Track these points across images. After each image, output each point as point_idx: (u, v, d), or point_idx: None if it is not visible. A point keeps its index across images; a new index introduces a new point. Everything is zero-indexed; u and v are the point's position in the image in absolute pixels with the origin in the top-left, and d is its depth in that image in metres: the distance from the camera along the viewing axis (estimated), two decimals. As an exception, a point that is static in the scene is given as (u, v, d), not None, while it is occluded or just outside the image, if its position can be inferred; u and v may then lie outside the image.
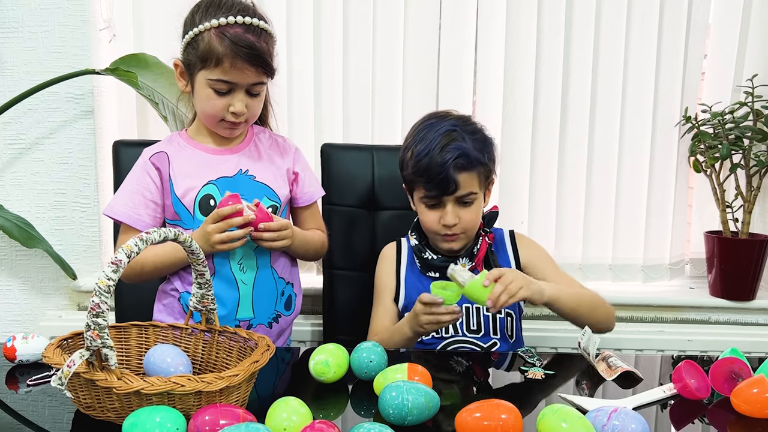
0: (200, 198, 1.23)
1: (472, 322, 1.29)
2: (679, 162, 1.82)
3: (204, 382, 0.78)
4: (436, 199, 1.25)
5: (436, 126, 1.25)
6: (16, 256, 1.73)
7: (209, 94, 1.18)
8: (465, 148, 1.22)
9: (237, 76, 1.16)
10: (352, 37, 1.74)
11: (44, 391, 0.95)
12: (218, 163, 1.26)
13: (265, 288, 1.27)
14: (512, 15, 1.74)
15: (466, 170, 1.23)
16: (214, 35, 1.14)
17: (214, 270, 1.23)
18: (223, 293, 1.23)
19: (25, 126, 1.68)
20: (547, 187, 1.81)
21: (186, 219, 1.24)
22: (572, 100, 1.78)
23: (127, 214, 1.22)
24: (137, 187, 1.24)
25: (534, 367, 1.07)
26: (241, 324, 1.25)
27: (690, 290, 1.85)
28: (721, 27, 1.81)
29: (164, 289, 1.30)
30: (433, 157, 1.21)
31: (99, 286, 0.76)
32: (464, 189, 1.24)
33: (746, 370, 0.95)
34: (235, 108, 1.19)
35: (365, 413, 0.91)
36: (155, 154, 1.25)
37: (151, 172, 1.24)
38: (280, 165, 1.31)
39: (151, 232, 0.83)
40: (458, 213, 1.25)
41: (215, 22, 1.14)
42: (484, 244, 1.32)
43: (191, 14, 1.19)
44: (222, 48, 1.14)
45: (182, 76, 1.24)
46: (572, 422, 0.76)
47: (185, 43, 1.19)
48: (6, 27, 1.64)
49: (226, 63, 1.14)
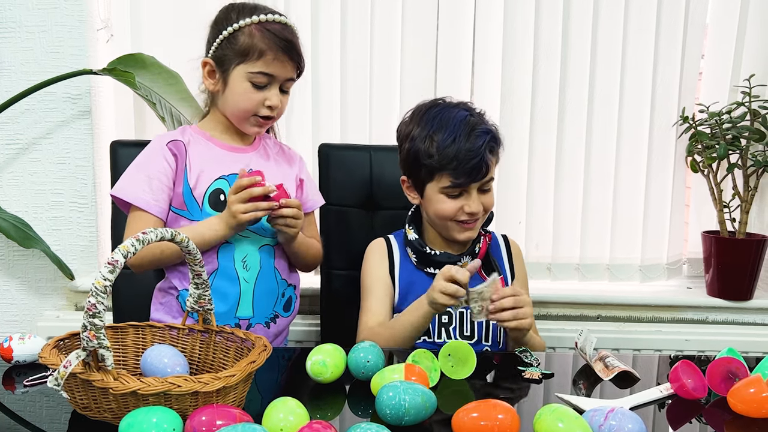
0: (211, 191, 1.23)
1: (466, 328, 1.29)
2: (676, 162, 1.82)
3: (201, 382, 0.78)
4: (462, 187, 1.22)
5: (448, 112, 1.23)
6: (14, 257, 1.73)
7: (247, 88, 1.21)
8: (492, 131, 1.23)
9: (277, 69, 1.21)
10: (349, 37, 1.74)
11: (41, 392, 0.94)
12: (231, 161, 1.27)
13: (267, 287, 1.28)
14: (509, 15, 1.74)
15: (493, 153, 1.24)
16: (255, 30, 1.19)
17: (218, 265, 1.23)
18: (224, 290, 1.23)
19: (23, 126, 1.67)
20: (544, 187, 1.81)
21: (193, 210, 1.23)
22: (570, 100, 1.78)
23: (145, 200, 1.21)
24: (155, 172, 1.23)
25: (531, 367, 1.07)
26: (241, 323, 1.25)
27: (687, 290, 1.86)
28: (719, 27, 1.81)
29: (162, 287, 1.30)
30: (462, 144, 1.19)
31: (96, 286, 0.76)
32: (489, 173, 1.24)
33: (743, 370, 0.95)
34: (272, 102, 1.22)
35: (362, 413, 0.91)
36: (172, 141, 1.25)
37: (168, 157, 1.24)
38: (287, 171, 1.34)
39: (147, 232, 0.83)
40: (480, 199, 1.25)
41: (256, 18, 1.19)
42: (484, 243, 1.32)
43: (225, 14, 1.23)
44: (265, 41, 1.19)
45: (210, 75, 1.25)
46: (569, 422, 0.76)
47: (221, 39, 1.21)
48: (3, 27, 1.64)
49: (269, 55, 1.19)
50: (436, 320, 1.27)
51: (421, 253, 1.31)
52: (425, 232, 1.34)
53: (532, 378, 1.03)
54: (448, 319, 1.28)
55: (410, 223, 1.34)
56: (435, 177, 1.23)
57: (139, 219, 1.22)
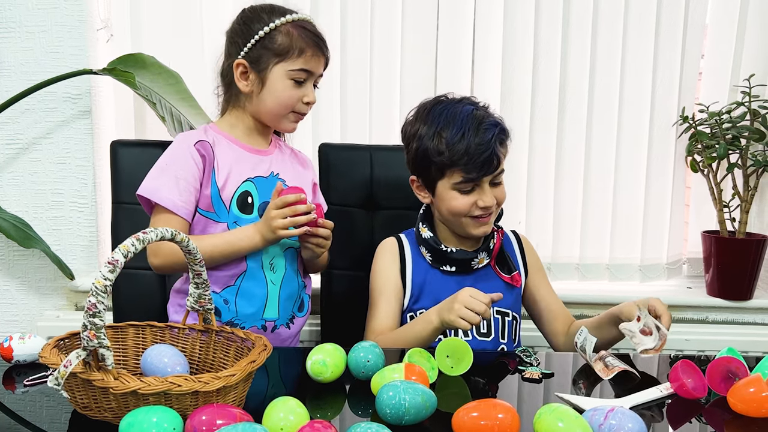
0: (239, 194, 1.23)
1: (482, 326, 1.28)
2: (676, 162, 1.83)
3: (201, 382, 0.78)
4: (474, 182, 1.22)
5: (453, 108, 1.23)
6: (14, 256, 1.73)
7: (287, 86, 1.23)
8: (500, 122, 1.23)
9: (315, 65, 1.24)
10: (349, 37, 1.74)
11: (41, 392, 0.94)
12: (255, 162, 1.27)
13: (290, 289, 1.28)
14: (509, 15, 1.74)
15: (503, 145, 1.24)
16: (292, 28, 1.21)
17: (246, 267, 1.23)
18: (252, 291, 1.24)
19: (23, 126, 1.67)
20: (544, 186, 1.81)
21: (221, 212, 1.23)
22: (569, 100, 1.78)
23: (173, 201, 1.19)
24: (183, 173, 1.21)
25: (531, 367, 1.07)
26: (267, 324, 1.26)
27: (687, 290, 1.86)
28: (719, 26, 1.81)
29: (180, 288, 1.30)
30: (472, 138, 1.19)
31: (96, 286, 0.76)
32: (501, 165, 1.24)
33: (743, 370, 0.95)
34: (310, 98, 1.25)
35: (362, 413, 0.91)
36: (199, 141, 1.23)
37: (196, 158, 1.22)
38: (303, 174, 1.35)
39: (147, 232, 0.83)
40: (493, 193, 1.24)
41: (290, 17, 1.22)
42: (498, 239, 1.31)
43: (255, 15, 1.23)
44: (305, 39, 1.22)
45: (243, 76, 1.24)
46: (569, 422, 0.76)
47: (256, 40, 1.21)
48: (3, 27, 1.64)
49: (308, 52, 1.22)
50: None
51: (436, 251, 1.29)
52: (438, 230, 1.33)
53: (532, 377, 1.03)
54: None
55: (423, 222, 1.33)
56: (446, 174, 1.23)
57: (166, 221, 1.20)
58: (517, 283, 1.32)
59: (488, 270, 1.31)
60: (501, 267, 1.32)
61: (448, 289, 1.27)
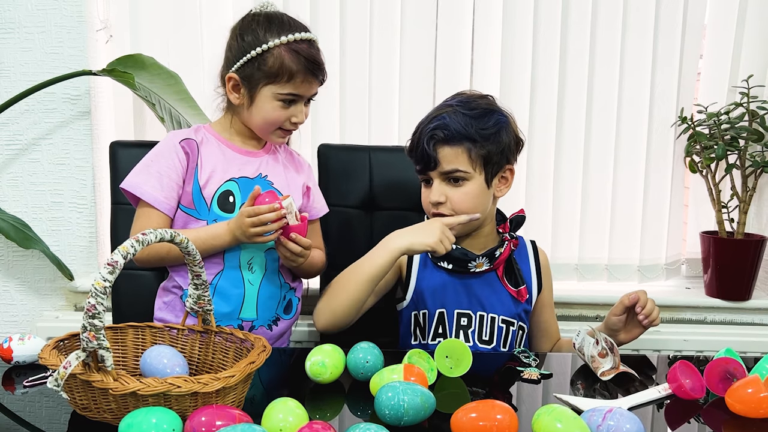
0: (220, 193, 1.24)
1: (485, 333, 1.28)
2: (675, 162, 1.83)
3: (200, 383, 0.78)
4: (424, 174, 1.26)
5: (448, 101, 1.27)
6: (13, 257, 1.73)
7: (275, 107, 1.22)
8: (446, 122, 1.21)
9: (305, 89, 1.23)
10: (348, 37, 1.74)
11: (41, 393, 0.95)
12: (242, 163, 1.27)
13: (270, 291, 1.28)
14: (508, 15, 1.74)
15: (447, 144, 1.21)
16: (285, 52, 1.19)
17: (223, 266, 1.24)
18: (228, 291, 1.24)
19: (22, 127, 1.68)
20: (543, 187, 1.81)
21: (201, 210, 1.24)
22: (568, 101, 1.78)
23: (154, 197, 1.21)
24: (166, 170, 1.23)
25: (530, 368, 1.07)
26: (244, 324, 1.25)
27: (686, 290, 1.86)
28: (717, 27, 1.81)
29: (166, 286, 1.30)
30: (418, 131, 1.24)
31: (95, 287, 0.76)
32: (448, 165, 1.21)
33: (741, 370, 0.96)
34: (298, 119, 1.25)
35: (361, 414, 0.92)
36: (185, 139, 1.25)
37: (180, 155, 1.24)
38: (296, 178, 1.34)
39: (147, 233, 0.83)
40: (445, 191, 1.23)
41: (284, 38, 1.18)
42: (507, 248, 1.29)
43: (250, 29, 1.21)
44: (297, 65, 1.19)
45: (235, 89, 1.24)
46: (567, 422, 0.76)
47: (248, 58, 1.20)
48: (2, 28, 1.64)
49: (298, 78, 1.20)
50: (454, 322, 1.27)
51: None
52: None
53: (531, 378, 1.03)
54: (467, 322, 1.27)
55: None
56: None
57: (147, 215, 1.22)
58: (522, 298, 1.30)
59: (494, 278, 1.30)
60: (509, 277, 1.30)
61: (448, 288, 1.28)
